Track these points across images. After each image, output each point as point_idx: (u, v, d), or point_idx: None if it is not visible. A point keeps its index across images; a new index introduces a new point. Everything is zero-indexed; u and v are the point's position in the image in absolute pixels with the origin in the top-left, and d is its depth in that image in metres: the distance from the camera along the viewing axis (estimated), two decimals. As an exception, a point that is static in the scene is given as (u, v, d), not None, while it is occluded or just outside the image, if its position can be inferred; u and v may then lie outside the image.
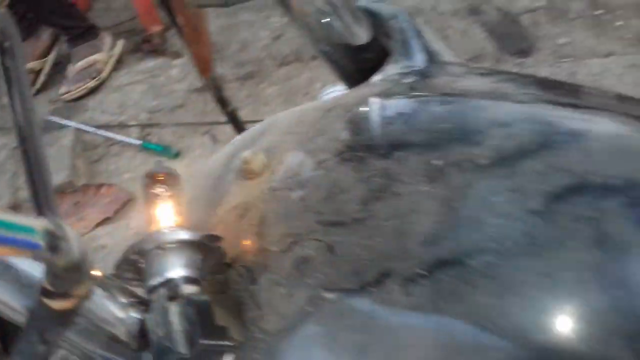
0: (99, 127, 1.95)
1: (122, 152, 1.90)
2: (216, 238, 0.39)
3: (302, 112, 0.47)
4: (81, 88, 2.02)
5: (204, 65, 0.55)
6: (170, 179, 0.42)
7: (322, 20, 0.47)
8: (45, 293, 0.28)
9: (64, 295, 0.29)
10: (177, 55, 2.09)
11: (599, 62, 1.88)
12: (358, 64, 0.49)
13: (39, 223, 0.28)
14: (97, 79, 2.04)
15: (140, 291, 0.38)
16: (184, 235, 0.38)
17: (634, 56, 1.90)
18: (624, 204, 0.31)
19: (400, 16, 0.48)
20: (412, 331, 0.32)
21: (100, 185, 1.81)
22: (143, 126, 1.95)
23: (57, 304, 0.28)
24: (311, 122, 0.44)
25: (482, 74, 0.42)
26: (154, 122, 1.96)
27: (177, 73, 2.08)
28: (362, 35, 0.48)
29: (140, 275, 0.38)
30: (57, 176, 1.76)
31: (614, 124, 0.35)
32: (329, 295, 0.35)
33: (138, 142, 1.86)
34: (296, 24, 0.49)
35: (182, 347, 0.35)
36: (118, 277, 0.38)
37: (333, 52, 0.49)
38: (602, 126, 0.35)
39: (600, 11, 2.00)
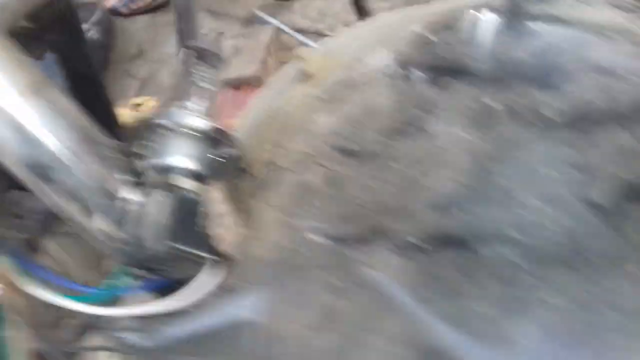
0: (297, 30, 1.97)
1: (311, 59, 1.91)
2: (224, 133, 0.33)
3: (393, 17, 0.38)
4: (292, -10, 2.04)
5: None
6: (212, 59, 0.36)
7: None
8: None
9: None
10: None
11: None
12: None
13: None
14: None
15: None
16: (198, 122, 0.33)
17: None
18: None
19: None
20: (381, 311, 0.24)
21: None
22: (337, 37, 1.93)
23: None
24: (388, 29, 0.35)
25: (621, 7, 0.29)
26: (348, 35, 1.93)
27: (383, -6, 2.01)
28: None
29: (149, 150, 0.34)
30: (247, 69, 1.82)
31: None
32: (316, 239, 0.28)
33: (329, 52, 1.85)
34: None
35: (152, 243, 0.31)
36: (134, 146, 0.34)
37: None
38: None
39: None
